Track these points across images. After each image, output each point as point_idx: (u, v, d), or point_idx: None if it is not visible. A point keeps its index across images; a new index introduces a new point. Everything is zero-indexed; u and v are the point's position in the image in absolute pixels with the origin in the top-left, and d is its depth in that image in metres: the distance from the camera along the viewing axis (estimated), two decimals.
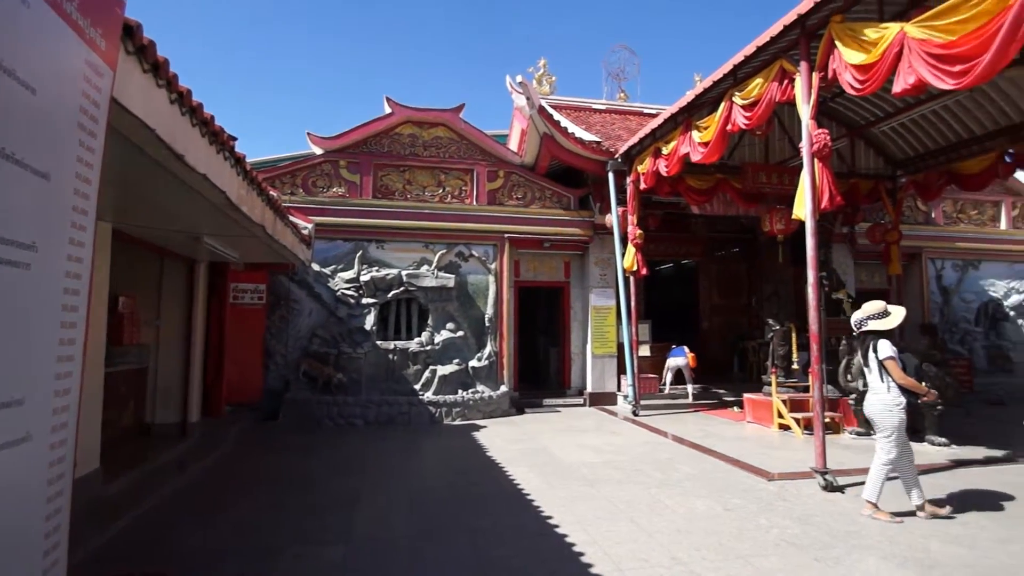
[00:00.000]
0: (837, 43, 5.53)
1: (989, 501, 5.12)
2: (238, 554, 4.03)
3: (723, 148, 7.53)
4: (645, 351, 10.94)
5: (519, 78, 10.01)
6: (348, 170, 10.18)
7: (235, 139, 4.91)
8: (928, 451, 7.07)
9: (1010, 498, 5.20)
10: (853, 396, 8.02)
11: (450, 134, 10.68)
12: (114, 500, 4.97)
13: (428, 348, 10.09)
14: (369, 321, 9.94)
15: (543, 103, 10.56)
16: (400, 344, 10.01)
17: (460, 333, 10.33)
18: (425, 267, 10.30)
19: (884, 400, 4.70)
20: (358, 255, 10.06)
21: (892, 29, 4.92)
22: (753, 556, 3.90)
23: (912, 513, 4.67)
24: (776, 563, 3.79)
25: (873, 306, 4.98)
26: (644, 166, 9.40)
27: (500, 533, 4.39)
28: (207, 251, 6.88)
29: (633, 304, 10.28)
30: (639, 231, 9.91)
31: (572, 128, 10.64)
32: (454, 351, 10.23)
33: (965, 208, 13.63)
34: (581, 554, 3.95)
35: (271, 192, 5.59)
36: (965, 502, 5.06)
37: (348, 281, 9.98)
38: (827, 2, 5.54)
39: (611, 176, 10.26)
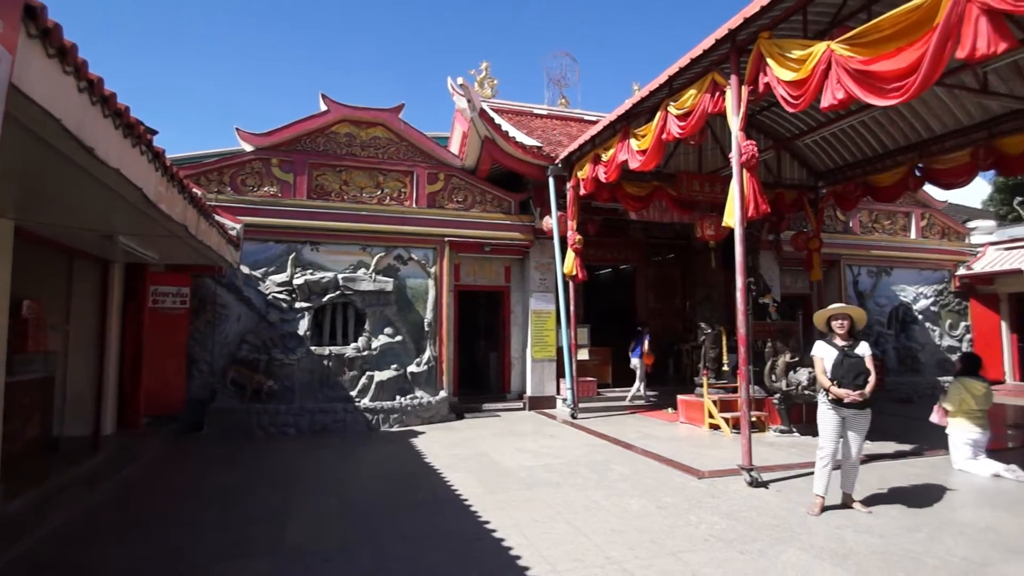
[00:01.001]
0: (768, 59, 5.78)
1: (898, 492, 5.47)
2: (156, 574, 3.78)
3: (660, 156, 7.74)
4: (584, 355, 11.09)
5: (460, 80, 9.97)
6: (281, 169, 9.81)
7: (154, 132, 4.62)
8: None
9: (917, 489, 5.58)
10: (778, 395, 8.41)
11: (389, 135, 10.50)
12: (16, 519, 4.57)
13: (365, 353, 9.85)
14: (303, 326, 9.60)
15: (485, 106, 10.57)
16: (336, 350, 9.72)
17: (399, 338, 10.14)
18: (362, 270, 10.05)
19: (821, 397, 4.99)
20: (291, 257, 9.70)
21: (819, 47, 5.19)
22: (683, 552, 4.00)
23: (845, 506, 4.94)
24: (704, 557, 3.90)
25: (834, 308, 5.24)
26: (584, 172, 9.56)
27: (436, 539, 4.32)
28: (123, 251, 6.46)
29: (572, 308, 10.42)
30: (579, 236, 10.06)
31: (513, 132, 10.69)
32: (392, 356, 10.04)
33: (879, 218, 14.59)
34: (518, 557, 3.93)
35: (195, 190, 5.31)
36: (878, 494, 5.38)
37: (280, 284, 9.60)
38: (755, 19, 5.79)
39: (551, 181, 10.38)
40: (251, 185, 9.64)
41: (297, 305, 9.63)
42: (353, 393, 9.61)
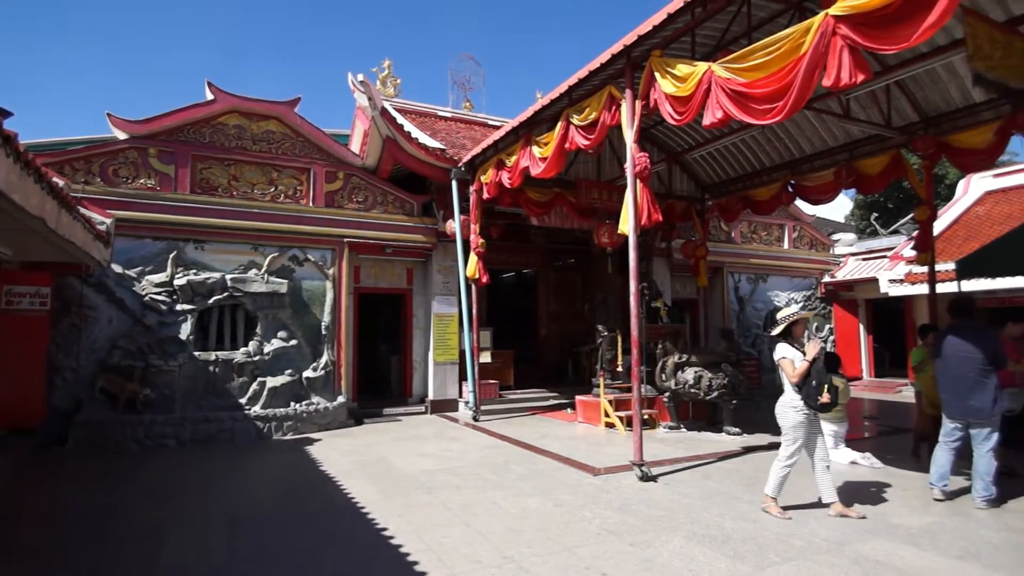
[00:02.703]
0: (656, 75, 6.14)
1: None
2: None
3: (561, 164, 7.94)
4: (487, 358, 11.15)
5: (360, 77, 9.69)
6: (160, 160, 9.01)
7: (7, 114, 4.09)
8: (724, 440, 8.08)
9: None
10: (667, 394, 8.91)
11: (284, 129, 9.97)
12: None
13: (256, 359, 9.28)
14: (185, 330, 8.88)
15: (387, 105, 10.35)
16: (223, 355, 9.08)
17: (293, 342, 9.66)
18: (254, 271, 9.46)
19: (783, 400, 4.86)
20: (172, 256, 8.94)
21: (701, 67, 5.58)
22: (577, 547, 4.12)
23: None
24: (596, 551, 4.04)
25: (783, 313, 5.05)
26: (487, 176, 9.63)
27: (331, 550, 4.15)
28: None
29: (475, 311, 10.44)
30: (481, 240, 10.11)
31: (416, 133, 10.56)
32: (286, 361, 9.54)
33: (757, 230, 15.90)
34: (415, 563, 3.86)
35: (56, 179, 4.76)
36: (753, 483, 5.83)
37: (159, 285, 8.81)
38: (648, 37, 6.12)
39: (455, 184, 10.36)
40: (125, 176, 8.79)
41: (178, 307, 8.89)
42: (243, 401, 9.02)
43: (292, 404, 9.28)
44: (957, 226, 13.91)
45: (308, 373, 9.66)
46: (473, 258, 10.11)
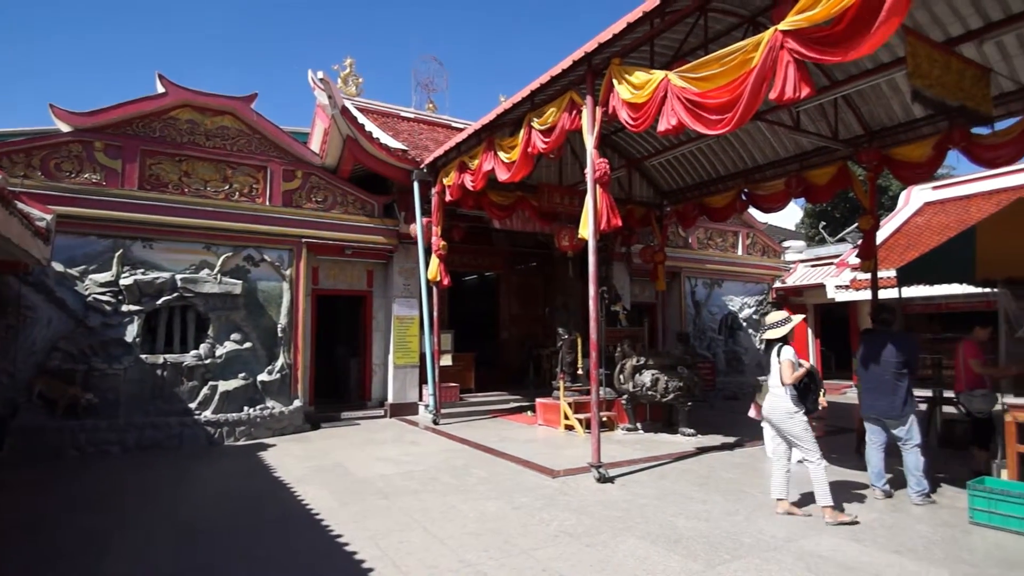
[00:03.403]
0: (615, 82, 6.25)
1: (723, 480, 6.13)
2: None
3: (527, 169, 7.90)
4: (448, 360, 11.10)
5: (320, 74, 9.52)
6: (106, 154, 8.63)
7: None
8: (680, 440, 8.25)
9: (738, 477, 6.28)
10: (625, 396, 9.04)
11: (239, 125, 9.70)
12: None
13: (208, 362, 8.98)
14: (131, 332, 8.53)
15: (348, 104, 10.21)
16: (172, 358, 8.75)
17: (248, 344, 9.39)
18: (206, 271, 9.16)
19: (782, 407, 4.85)
20: (118, 255, 8.56)
21: (657, 76, 5.71)
22: (534, 549, 4.14)
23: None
24: (553, 552, 4.07)
25: (774, 316, 5.08)
26: (450, 179, 9.59)
27: (283, 559, 4.06)
28: None
29: (436, 314, 10.38)
30: (443, 242, 10.07)
31: (378, 133, 10.45)
32: (240, 364, 9.26)
33: (713, 236, 16.32)
34: (370, 570, 3.82)
35: None
36: (706, 482, 5.98)
37: (104, 285, 8.43)
38: (608, 45, 6.23)
39: (416, 186, 10.28)
40: (68, 171, 8.39)
41: (124, 308, 8.53)
42: (193, 405, 8.72)
43: (245, 408, 9.02)
44: (898, 235, 14.61)
45: (263, 376, 9.41)
46: (435, 260, 10.05)
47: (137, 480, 6.46)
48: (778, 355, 4.91)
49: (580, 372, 10.12)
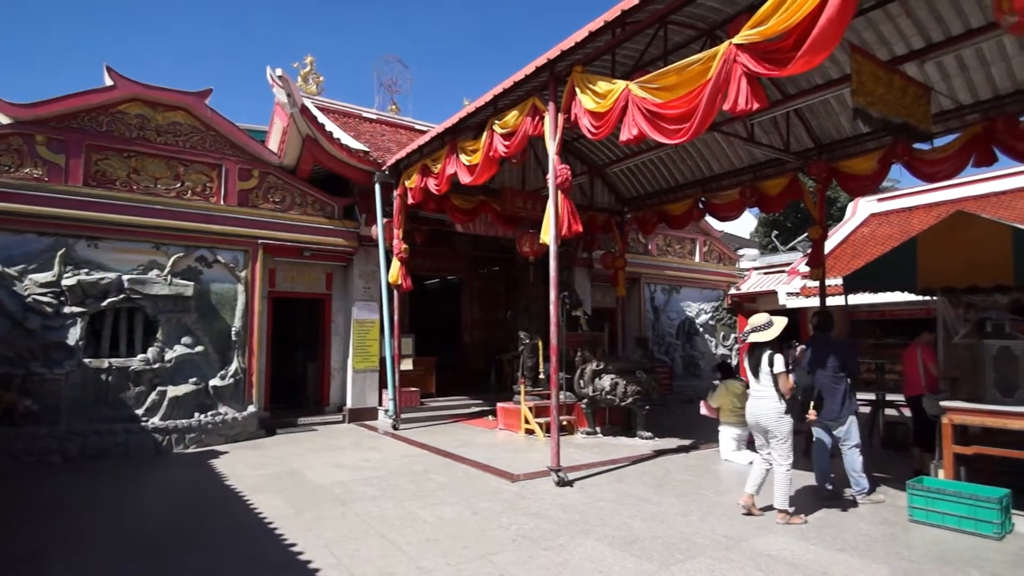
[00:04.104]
0: (577, 90, 6.32)
1: (678, 482, 6.25)
2: None
3: (491, 172, 7.90)
4: (408, 365, 10.99)
5: (279, 72, 9.31)
6: (49, 148, 8.22)
7: None
8: (638, 444, 8.38)
9: (693, 479, 6.42)
10: (585, 400, 9.13)
11: (193, 121, 9.39)
12: None
13: (157, 366, 8.64)
14: (74, 334, 8.13)
15: (308, 103, 10.02)
16: (117, 362, 8.38)
17: (199, 348, 9.07)
18: (155, 272, 8.82)
19: (777, 408, 4.85)
20: (60, 253, 8.17)
21: (619, 85, 5.80)
22: (493, 554, 4.13)
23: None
24: (511, 557, 4.07)
25: (757, 319, 5.03)
26: (412, 181, 9.52)
27: (234, 570, 3.93)
28: None
29: (397, 318, 10.26)
30: (404, 245, 9.97)
31: (339, 134, 10.29)
32: (191, 369, 8.94)
33: (672, 243, 16.67)
34: None
35: None
36: (662, 485, 6.08)
37: (44, 285, 8.01)
38: (571, 53, 6.31)
39: (378, 188, 10.16)
40: (7, 164, 7.95)
41: (67, 310, 8.13)
42: (139, 412, 8.37)
43: (196, 415, 8.71)
44: (846, 245, 15.20)
45: (215, 382, 9.11)
46: (396, 263, 9.95)
47: (79, 490, 6.16)
48: (769, 363, 4.83)
49: (541, 376, 10.16)
